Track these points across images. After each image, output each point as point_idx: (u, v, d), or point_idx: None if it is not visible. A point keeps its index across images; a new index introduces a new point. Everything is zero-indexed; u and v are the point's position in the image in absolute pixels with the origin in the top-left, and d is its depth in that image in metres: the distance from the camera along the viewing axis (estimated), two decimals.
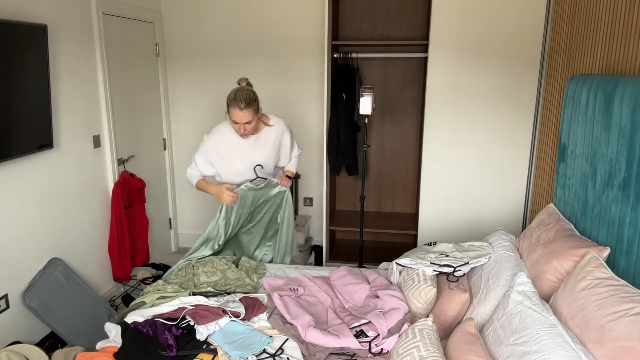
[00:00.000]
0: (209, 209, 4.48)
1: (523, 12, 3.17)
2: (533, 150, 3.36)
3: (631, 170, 1.80)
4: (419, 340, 1.76)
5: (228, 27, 4.07)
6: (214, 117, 4.26)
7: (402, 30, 3.95)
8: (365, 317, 2.15)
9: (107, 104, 3.36)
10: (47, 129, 2.77)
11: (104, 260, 3.44)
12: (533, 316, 1.64)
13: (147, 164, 3.98)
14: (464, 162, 3.45)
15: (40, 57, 2.64)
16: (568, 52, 2.84)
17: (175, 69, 4.22)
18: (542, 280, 1.98)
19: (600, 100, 2.05)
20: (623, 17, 2.18)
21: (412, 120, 4.10)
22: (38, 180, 2.81)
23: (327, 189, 3.73)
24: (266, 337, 2.03)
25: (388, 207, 4.34)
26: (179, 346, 1.95)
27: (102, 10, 3.25)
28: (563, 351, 1.45)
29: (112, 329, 2.10)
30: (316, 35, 3.95)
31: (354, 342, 2.01)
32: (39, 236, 2.84)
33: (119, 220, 3.43)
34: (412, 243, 4.26)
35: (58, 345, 2.82)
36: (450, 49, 3.30)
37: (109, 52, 3.39)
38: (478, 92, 3.33)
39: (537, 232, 2.28)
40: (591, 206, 2.13)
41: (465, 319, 2.03)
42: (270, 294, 2.41)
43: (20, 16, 2.61)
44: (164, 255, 4.32)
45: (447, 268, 2.28)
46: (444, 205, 3.54)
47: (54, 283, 2.89)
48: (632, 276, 1.78)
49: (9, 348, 2.40)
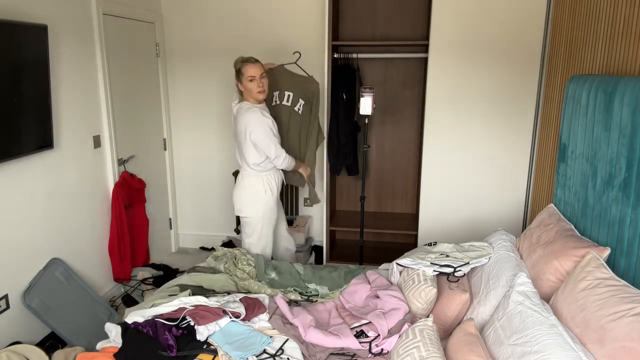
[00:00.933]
0: (209, 209, 4.48)
1: (523, 12, 3.17)
2: (533, 150, 3.36)
3: (631, 170, 1.80)
4: (419, 340, 1.76)
5: (228, 27, 4.07)
6: (214, 117, 4.26)
7: (402, 30, 3.95)
8: (365, 317, 2.15)
9: (107, 104, 3.36)
10: (47, 129, 2.77)
11: (104, 260, 3.44)
12: (533, 316, 1.64)
13: (147, 164, 3.98)
14: (464, 162, 3.45)
15: (40, 57, 2.64)
16: (568, 52, 2.84)
17: (175, 69, 4.22)
18: (542, 280, 1.98)
19: (600, 100, 2.05)
20: (623, 17, 2.18)
21: (412, 120, 4.10)
22: (38, 180, 2.81)
23: (327, 189, 3.73)
24: (266, 337, 2.03)
25: (388, 207, 4.34)
26: (179, 346, 1.95)
27: (102, 10, 3.25)
28: (563, 351, 1.45)
29: (112, 329, 2.10)
30: (316, 35, 3.95)
31: (354, 342, 2.02)
32: (39, 236, 2.84)
33: (119, 220, 3.43)
34: (412, 243, 4.26)
35: (58, 345, 2.82)
36: (450, 49, 3.30)
37: (109, 52, 3.39)
38: (478, 92, 3.33)
39: (537, 232, 2.28)
40: (591, 206, 2.13)
41: (465, 319, 2.03)
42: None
43: (20, 16, 2.61)
44: (164, 255, 4.32)
45: (447, 268, 2.28)
46: (444, 205, 3.54)
47: (54, 283, 2.89)
48: (632, 276, 1.78)
49: (9, 348, 2.40)
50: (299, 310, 2.25)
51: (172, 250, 4.48)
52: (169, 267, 3.93)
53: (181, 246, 4.58)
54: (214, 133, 4.30)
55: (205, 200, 4.46)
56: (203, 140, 4.33)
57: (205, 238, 4.53)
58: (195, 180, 4.43)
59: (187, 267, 3.97)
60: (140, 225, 3.74)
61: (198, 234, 4.55)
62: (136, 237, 3.70)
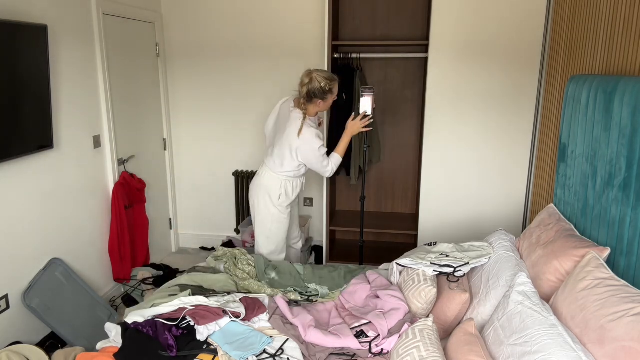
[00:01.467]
0: (209, 209, 4.48)
1: (523, 12, 3.17)
2: (533, 150, 3.36)
3: (631, 170, 1.80)
4: (419, 340, 1.76)
5: (228, 27, 4.07)
6: (214, 117, 4.26)
7: (402, 30, 3.95)
8: (365, 317, 2.15)
9: (107, 104, 3.36)
10: (47, 129, 2.77)
11: (104, 260, 3.44)
12: (533, 316, 1.64)
13: (147, 164, 3.98)
14: (464, 162, 3.46)
15: (40, 57, 2.64)
16: (568, 52, 2.84)
17: (175, 69, 4.22)
18: (542, 280, 1.98)
19: (600, 100, 2.05)
20: (623, 17, 2.18)
21: (412, 120, 4.10)
22: (38, 180, 2.81)
23: (327, 189, 3.73)
24: (266, 337, 2.03)
25: (388, 207, 4.34)
26: (179, 346, 1.95)
27: (102, 10, 3.25)
28: (563, 351, 1.45)
29: (112, 329, 2.10)
30: (316, 35, 3.95)
31: (354, 342, 2.02)
32: (39, 236, 2.84)
33: (119, 220, 3.43)
34: (412, 243, 4.26)
35: (58, 345, 2.82)
36: (450, 49, 3.30)
37: (109, 52, 3.39)
38: (478, 92, 3.33)
39: (537, 232, 2.28)
40: (591, 206, 2.13)
41: (465, 319, 2.03)
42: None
43: (20, 16, 2.61)
44: (164, 255, 4.32)
45: (447, 268, 2.28)
46: (444, 205, 3.54)
47: (54, 283, 2.89)
48: (632, 276, 1.78)
49: (9, 348, 2.40)
50: (299, 310, 2.25)
51: (172, 250, 4.48)
52: (169, 267, 3.93)
53: (181, 246, 4.58)
54: (214, 133, 4.30)
55: (205, 200, 4.46)
56: (203, 140, 4.33)
57: (205, 238, 4.53)
58: (195, 180, 4.43)
59: (187, 267, 3.97)
60: (140, 225, 3.74)
61: (198, 234, 4.55)
62: (136, 237, 3.70)
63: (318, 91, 2.80)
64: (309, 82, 2.79)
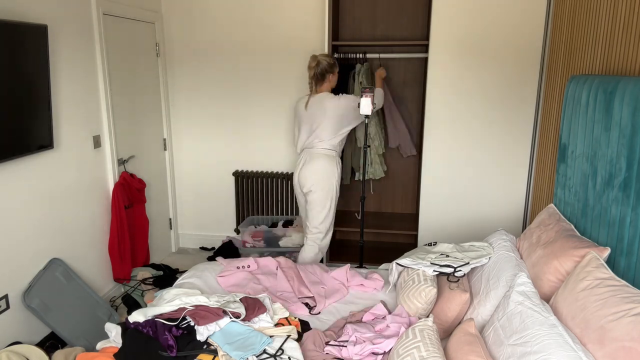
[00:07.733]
0: (209, 209, 4.48)
1: (523, 12, 3.17)
2: (533, 150, 3.36)
3: (631, 170, 1.80)
4: (419, 341, 1.76)
5: (228, 26, 4.07)
6: (214, 117, 4.26)
7: (402, 30, 3.95)
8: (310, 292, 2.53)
9: (107, 104, 3.36)
10: (47, 129, 2.77)
11: (104, 260, 3.44)
12: (533, 316, 1.64)
13: (147, 164, 3.98)
14: (464, 162, 3.46)
15: (40, 57, 2.64)
16: (568, 52, 2.84)
17: (175, 69, 4.22)
18: (542, 280, 1.98)
19: (600, 100, 2.05)
20: (623, 17, 2.18)
21: (412, 120, 4.10)
22: (38, 180, 2.81)
23: None
24: (266, 337, 2.03)
25: (388, 207, 4.34)
26: (179, 346, 1.95)
27: (102, 10, 3.25)
28: (563, 351, 1.45)
29: (112, 329, 2.10)
30: (316, 35, 3.95)
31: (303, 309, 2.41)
32: (39, 236, 2.84)
33: (119, 220, 3.43)
34: (412, 243, 4.26)
35: (58, 345, 2.82)
36: (450, 49, 3.30)
37: (109, 52, 3.39)
38: (478, 92, 3.33)
39: (537, 232, 2.28)
40: (591, 206, 2.13)
41: (465, 319, 2.03)
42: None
43: (20, 16, 2.61)
44: (164, 256, 4.32)
45: (447, 268, 2.28)
46: (444, 205, 3.54)
47: (54, 283, 2.89)
48: (632, 276, 1.78)
49: (9, 348, 2.40)
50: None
51: (172, 250, 4.48)
52: (169, 267, 3.93)
53: (181, 246, 4.58)
54: (214, 133, 4.30)
55: (205, 200, 4.46)
56: (203, 140, 4.33)
57: (205, 238, 4.53)
58: (195, 180, 4.43)
59: (187, 267, 3.97)
60: (140, 225, 3.74)
61: (198, 234, 4.55)
62: (136, 237, 3.70)
63: (328, 66, 3.25)
64: (318, 64, 3.23)
